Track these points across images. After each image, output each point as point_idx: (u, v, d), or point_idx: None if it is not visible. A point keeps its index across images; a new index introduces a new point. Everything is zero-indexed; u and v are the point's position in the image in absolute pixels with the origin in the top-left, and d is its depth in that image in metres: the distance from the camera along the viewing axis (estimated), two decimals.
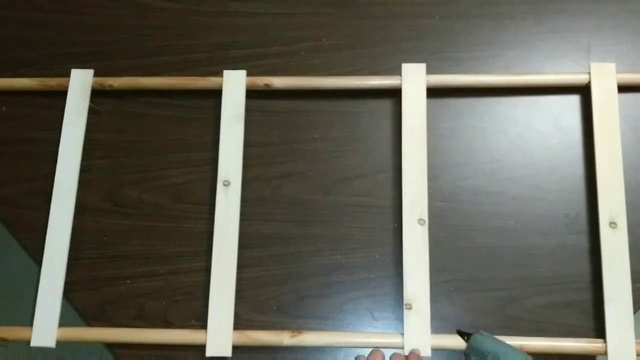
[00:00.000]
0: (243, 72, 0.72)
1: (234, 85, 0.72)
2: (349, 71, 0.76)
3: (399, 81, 0.71)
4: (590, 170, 0.70)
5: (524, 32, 0.76)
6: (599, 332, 0.65)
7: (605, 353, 0.62)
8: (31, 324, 0.65)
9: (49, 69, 0.79)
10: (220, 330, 0.64)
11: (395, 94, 0.72)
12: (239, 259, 0.67)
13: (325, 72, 0.76)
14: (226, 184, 0.69)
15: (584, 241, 0.68)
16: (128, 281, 0.70)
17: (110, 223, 0.72)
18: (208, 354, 0.64)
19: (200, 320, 0.68)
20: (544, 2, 0.76)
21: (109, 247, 0.72)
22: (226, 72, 0.73)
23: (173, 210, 0.72)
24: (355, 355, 0.59)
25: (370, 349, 0.59)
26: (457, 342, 0.63)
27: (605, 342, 0.62)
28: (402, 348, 0.63)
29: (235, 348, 0.64)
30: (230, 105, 0.71)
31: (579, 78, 0.70)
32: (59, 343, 0.65)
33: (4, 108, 0.78)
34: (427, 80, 0.70)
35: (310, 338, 0.64)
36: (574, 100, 0.73)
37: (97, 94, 0.75)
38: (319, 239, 0.70)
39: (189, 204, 0.72)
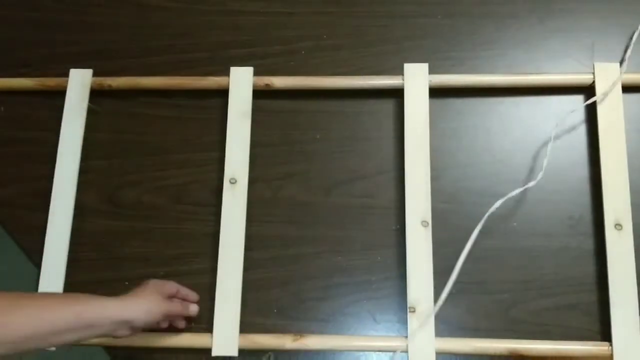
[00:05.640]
0: (250, 69, 0.72)
1: (241, 82, 0.71)
2: (351, 71, 0.75)
3: (401, 81, 0.70)
4: (594, 171, 0.69)
5: (527, 32, 0.75)
6: (605, 335, 0.64)
7: (611, 356, 0.61)
8: None
9: (49, 68, 0.78)
10: (225, 332, 0.63)
11: (397, 94, 0.71)
12: None
13: (327, 71, 0.75)
14: (233, 181, 0.68)
15: (588, 243, 0.67)
16: (127, 283, 0.69)
17: (109, 224, 0.72)
18: (214, 353, 0.63)
19: (199, 323, 0.67)
20: (547, 1, 0.75)
21: (108, 249, 0.71)
22: (233, 69, 0.72)
23: (172, 212, 0.72)
24: None
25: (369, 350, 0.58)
26: (461, 346, 0.62)
27: (611, 345, 0.61)
28: (406, 352, 0.62)
29: None
30: (237, 102, 0.71)
31: (583, 78, 0.70)
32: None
33: (2, 108, 0.77)
34: (430, 80, 0.70)
35: (312, 342, 0.64)
36: (578, 100, 0.72)
37: (97, 94, 0.74)
38: (320, 241, 0.70)
39: (189, 205, 0.72)
